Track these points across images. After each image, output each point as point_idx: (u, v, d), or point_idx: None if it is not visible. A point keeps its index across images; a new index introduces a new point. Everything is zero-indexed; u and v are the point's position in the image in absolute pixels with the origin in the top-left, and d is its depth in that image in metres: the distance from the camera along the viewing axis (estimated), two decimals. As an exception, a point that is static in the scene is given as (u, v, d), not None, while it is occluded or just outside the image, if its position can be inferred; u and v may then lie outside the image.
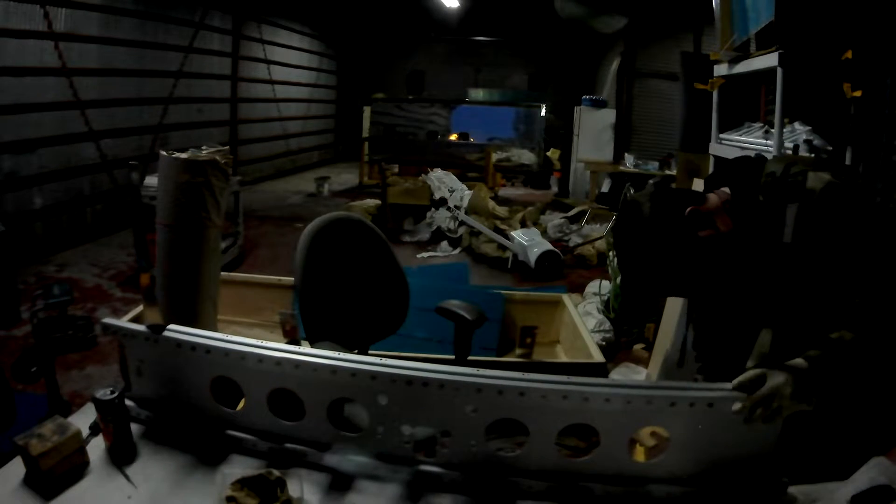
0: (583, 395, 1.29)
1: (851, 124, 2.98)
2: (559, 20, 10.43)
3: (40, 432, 1.30)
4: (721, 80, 3.87)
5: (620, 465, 1.34)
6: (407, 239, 7.83)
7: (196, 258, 2.39)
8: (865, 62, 2.80)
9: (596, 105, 10.81)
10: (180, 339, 1.44)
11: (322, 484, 1.33)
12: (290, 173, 13.30)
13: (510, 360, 3.10)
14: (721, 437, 1.31)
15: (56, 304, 2.32)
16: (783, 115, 3.02)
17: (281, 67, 12.69)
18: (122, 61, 7.52)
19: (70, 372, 3.72)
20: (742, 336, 1.48)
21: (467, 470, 1.35)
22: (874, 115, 2.93)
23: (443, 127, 12.14)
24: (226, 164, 2.42)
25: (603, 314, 4.69)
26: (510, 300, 3.63)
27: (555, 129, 12.64)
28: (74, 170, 6.86)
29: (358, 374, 1.34)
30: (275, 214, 9.19)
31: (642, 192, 1.43)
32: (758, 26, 3.26)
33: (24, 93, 6.02)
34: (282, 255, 6.90)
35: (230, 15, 10.40)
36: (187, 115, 9.32)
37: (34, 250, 6.13)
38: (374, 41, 16.54)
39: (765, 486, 1.32)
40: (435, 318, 2.23)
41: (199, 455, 1.40)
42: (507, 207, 8.55)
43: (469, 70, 16.73)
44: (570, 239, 7.61)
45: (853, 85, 2.76)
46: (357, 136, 13.18)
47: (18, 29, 5.88)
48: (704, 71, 4.06)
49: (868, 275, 1.30)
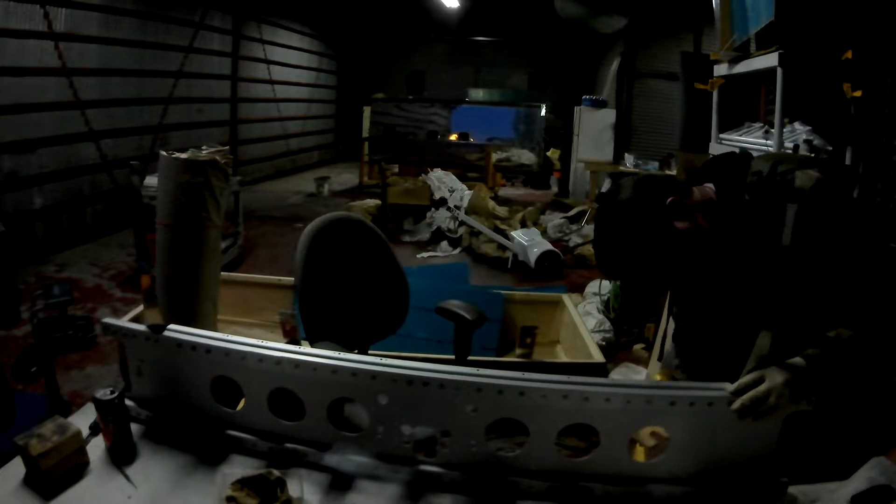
0: (583, 395, 1.29)
1: (851, 124, 2.98)
2: (559, 20, 10.43)
3: (40, 432, 1.30)
4: (721, 80, 3.87)
5: (620, 465, 1.34)
6: (407, 239, 7.83)
7: (196, 258, 2.39)
8: (865, 62, 2.80)
9: (596, 105, 10.81)
10: (180, 339, 1.44)
11: (322, 484, 1.33)
12: (290, 173, 13.31)
13: (510, 360, 3.10)
14: (721, 437, 1.31)
15: (56, 304, 2.32)
16: (783, 115, 3.02)
17: (281, 67, 12.70)
18: (122, 61, 7.52)
19: (70, 372, 3.72)
20: (722, 333, 1.48)
21: (467, 470, 1.35)
22: (874, 115, 2.94)
23: (443, 127, 12.13)
24: (226, 164, 2.42)
25: (603, 314, 4.69)
26: (510, 300, 3.63)
27: (555, 129, 12.64)
28: (74, 170, 6.86)
29: (358, 373, 1.34)
30: (275, 214, 9.19)
31: (628, 178, 1.42)
32: (758, 26, 3.26)
33: (24, 93, 6.02)
34: (282, 255, 6.90)
35: (230, 15, 10.40)
36: (187, 115, 9.32)
37: (34, 250, 6.13)
38: (374, 41, 16.54)
39: (765, 486, 1.32)
40: (435, 318, 2.23)
41: (199, 455, 1.40)
42: (507, 207, 8.55)
43: (469, 70, 16.73)
44: (570, 239, 7.61)
45: (853, 85, 2.76)
46: (357, 136, 13.18)
47: (18, 29, 5.88)
48: (704, 71, 4.06)
49: (863, 271, 1.30)
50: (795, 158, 1.59)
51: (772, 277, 1.36)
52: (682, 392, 1.31)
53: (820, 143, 3.03)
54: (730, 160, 1.45)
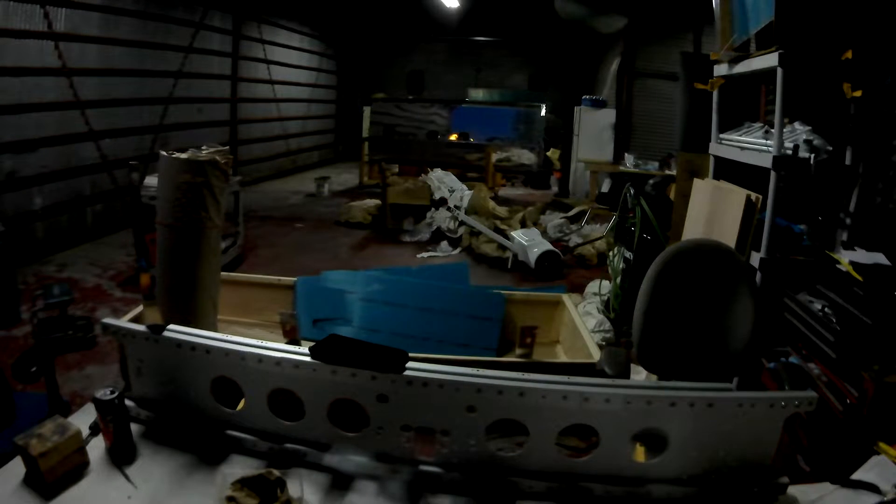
0: (583, 395, 1.29)
1: (851, 124, 2.98)
2: (559, 20, 10.44)
3: (40, 432, 1.30)
4: (721, 80, 3.86)
5: (620, 465, 1.34)
6: (407, 239, 7.83)
7: (196, 258, 2.38)
8: (865, 62, 2.80)
9: (596, 105, 10.81)
10: (180, 339, 1.44)
11: (322, 484, 1.33)
12: (290, 173, 13.31)
13: (510, 360, 3.10)
14: (721, 438, 1.31)
15: (56, 304, 2.32)
16: (783, 115, 3.01)
17: (281, 67, 12.70)
18: (122, 61, 7.53)
19: (70, 372, 3.72)
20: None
21: (467, 470, 1.35)
22: (874, 115, 2.93)
23: (443, 127, 12.14)
24: (226, 164, 2.42)
25: (603, 314, 4.69)
26: (510, 300, 3.62)
27: (555, 129, 12.65)
28: (74, 170, 6.86)
29: (358, 374, 1.34)
30: (275, 214, 9.19)
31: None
32: (758, 26, 3.26)
33: (25, 93, 6.02)
34: (282, 255, 6.91)
35: (230, 15, 10.40)
36: (187, 115, 9.32)
37: (34, 250, 6.13)
38: (374, 41, 16.55)
39: (765, 486, 1.32)
40: (435, 318, 2.23)
41: (199, 455, 1.40)
42: (507, 207, 8.55)
43: (469, 70, 16.74)
44: (570, 239, 7.61)
45: (853, 85, 2.76)
46: (357, 137, 13.19)
47: (18, 29, 5.88)
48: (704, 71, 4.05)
49: None
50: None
51: None
52: (682, 393, 1.31)
53: (820, 143, 3.03)
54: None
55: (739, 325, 1.91)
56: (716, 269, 1.98)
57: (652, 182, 5.67)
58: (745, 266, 2.09)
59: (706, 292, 1.94)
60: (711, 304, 1.92)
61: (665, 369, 1.92)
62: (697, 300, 1.93)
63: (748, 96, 4.02)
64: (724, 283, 1.94)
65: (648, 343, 1.95)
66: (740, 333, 1.90)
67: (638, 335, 1.97)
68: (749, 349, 1.92)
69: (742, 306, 1.91)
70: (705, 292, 1.94)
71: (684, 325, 1.90)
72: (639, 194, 4.67)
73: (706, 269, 1.97)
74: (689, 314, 1.92)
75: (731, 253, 2.08)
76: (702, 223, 3.61)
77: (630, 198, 4.70)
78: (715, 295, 1.93)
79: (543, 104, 12.04)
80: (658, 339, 1.92)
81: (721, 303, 1.92)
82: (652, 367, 1.98)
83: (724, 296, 1.92)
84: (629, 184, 4.86)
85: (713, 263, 2.00)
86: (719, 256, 2.03)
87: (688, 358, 1.89)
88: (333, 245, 7.53)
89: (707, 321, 1.91)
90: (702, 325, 1.91)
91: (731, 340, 1.90)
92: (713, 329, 1.90)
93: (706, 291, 1.94)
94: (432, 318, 2.31)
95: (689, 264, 2.00)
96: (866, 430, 1.98)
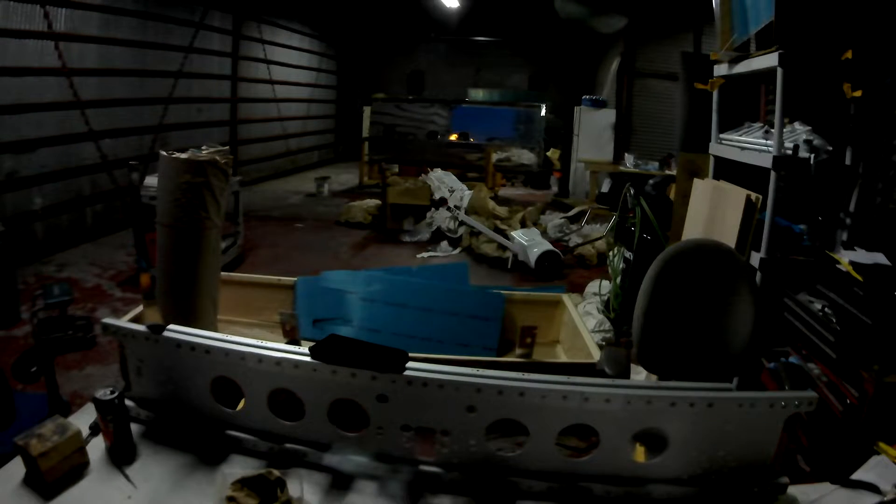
0: (583, 395, 1.29)
1: (851, 124, 2.98)
2: (559, 20, 10.44)
3: (40, 432, 1.30)
4: (721, 80, 3.86)
5: (620, 465, 1.34)
6: (407, 239, 7.83)
7: (196, 258, 2.38)
8: (865, 62, 2.80)
9: (596, 105, 10.81)
10: (180, 339, 1.44)
11: (322, 484, 1.33)
12: (289, 173, 13.31)
13: (510, 360, 3.10)
14: (721, 438, 1.31)
15: (56, 304, 2.32)
16: (783, 115, 3.01)
17: (281, 67, 12.69)
18: (122, 61, 7.52)
19: (70, 372, 3.72)
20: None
21: (467, 470, 1.35)
22: (874, 115, 2.93)
23: (443, 127, 12.14)
24: (226, 164, 2.42)
25: (603, 314, 4.69)
26: (510, 300, 3.62)
27: (555, 129, 12.64)
28: (74, 170, 6.86)
29: (358, 374, 1.34)
30: (275, 214, 9.19)
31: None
32: (758, 26, 3.26)
33: (24, 93, 6.02)
34: (282, 255, 6.91)
35: (230, 15, 10.40)
36: (187, 115, 9.32)
37: (34, 250, 6.13)
38: (374, 41, 16.55)
39: (765, 486, 1.32)
40: (435, 318, 2.23)
41: (199, 455, 1.40)
42: (507, 207, 8.54)
43: (469, 70, 16.74)
44: (570, 239, 7.61)
45: (853, 85, 2.76)
46: (357, 136, 13.18)
47: (18, 29, 5.88)
48: (704, 71, 4.05)
49: None
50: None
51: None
52: (682, 393, 1.31)
53: (820, 143, 3.03)
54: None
55: (739, 326, 1.91)
56: (716, 269, 1.98)
57: (652, 182, 5.68)
58: (745, 266, 2.09)
59: (706, 292, 1.94)
60: (711, 304, 1.92)
61: (665, 369, 1.92)
62: (697, 300, 1.93)
63: (748, 96, 4.03)
64: (725, 284, 1.94)
65: (648, 343, 1.95)
66: (740, 333, 1.90)
67: (638, 335, 1.97)
68: (749, 349, 1.92)
69: (742, 306, 1.91)
70: (705, 292, 1.94)
71: (684, 324, 1.90)
72: (639, 194, 4.67)
73: (706, 269, 1.97)
74: (690, 314, 1.92)
75: (731, 253, 2.08)
76: (702, 223, 3.61)
77: (630, 198, 4.71)
78: (715, 295, 1.93)
79: (543, 104, 12.04)
80: (658, 339, 1.92)
81: (721, 303, 1.92)
82: (652, 367, 1.98)
83: (724, 296, 1.93)
84: (629, 184, 4.86)
85: (713, 263, 2.00)
86: (719, 256, 2.03)
87: (688, 358, 1.89)
88: (333, 245, 7.54)
89: (707, 321, 1.91)
90: (702, 325, 1.91)
91: (732, 340, 1.90)
92: (713, 329, 1.90)
93: (706, 291, 1.94)
94: (432, 318, 2.31)
95: (690, 264, 1.99)
96: (866, 430, 1.98)
